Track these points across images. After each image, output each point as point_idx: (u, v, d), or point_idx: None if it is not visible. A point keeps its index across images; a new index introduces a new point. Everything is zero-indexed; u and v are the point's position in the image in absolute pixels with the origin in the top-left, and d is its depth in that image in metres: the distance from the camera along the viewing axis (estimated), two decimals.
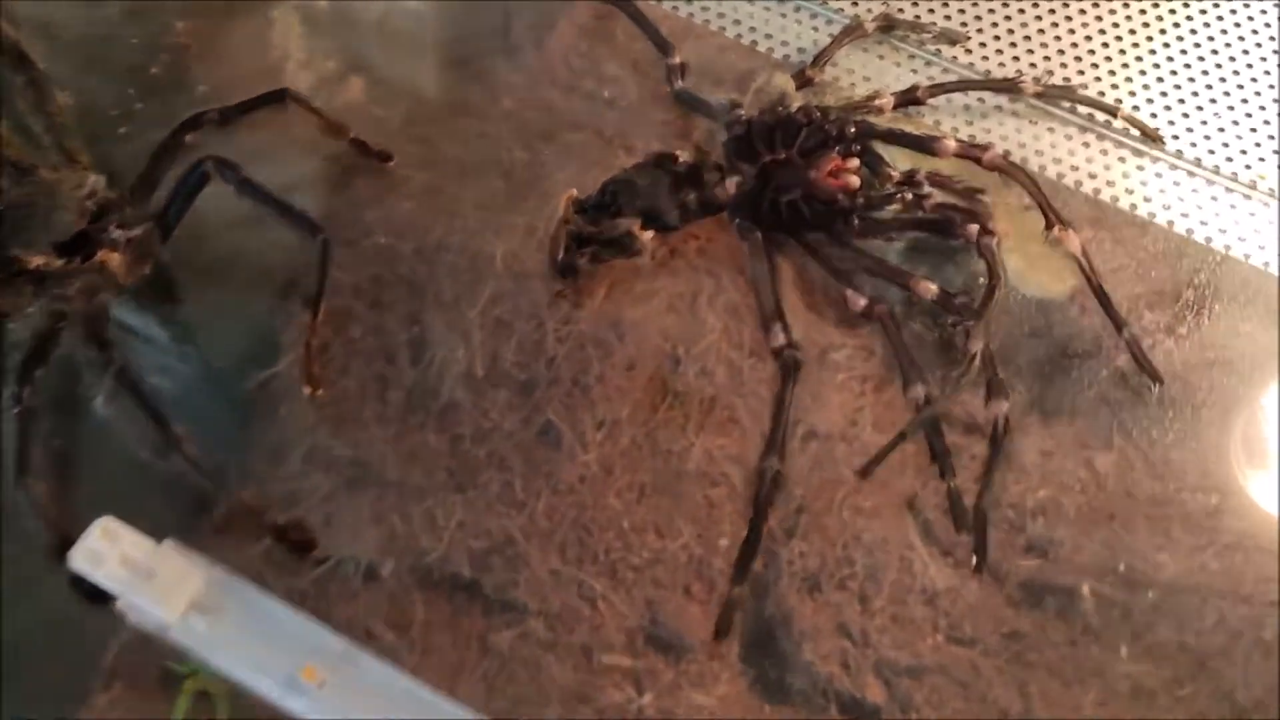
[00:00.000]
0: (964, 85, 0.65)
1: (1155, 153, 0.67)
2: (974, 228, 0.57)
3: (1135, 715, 0.48)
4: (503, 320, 0.56)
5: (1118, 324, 0.58)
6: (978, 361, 0.53)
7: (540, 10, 0.69)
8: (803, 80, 0.65)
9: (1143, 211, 0.65)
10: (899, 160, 0.61)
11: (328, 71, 0.65)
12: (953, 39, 0.69)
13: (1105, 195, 0.65)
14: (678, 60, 0.65)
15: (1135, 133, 0.67)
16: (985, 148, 0.59)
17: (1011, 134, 0.67)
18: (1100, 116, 0.67)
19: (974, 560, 0.51)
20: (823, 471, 0.53)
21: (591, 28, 0.69)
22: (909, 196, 0.60)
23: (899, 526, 0.52)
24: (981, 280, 0.56)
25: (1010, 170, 0.59)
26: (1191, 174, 0.66)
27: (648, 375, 0.55)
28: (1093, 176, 0.65)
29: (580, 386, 0.54)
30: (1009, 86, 0.64)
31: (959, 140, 0.60)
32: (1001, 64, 0.69)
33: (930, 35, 0.69)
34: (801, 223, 0.60)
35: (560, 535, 0.51)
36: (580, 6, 0.69)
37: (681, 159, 0.60)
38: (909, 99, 0.64)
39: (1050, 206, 0.58)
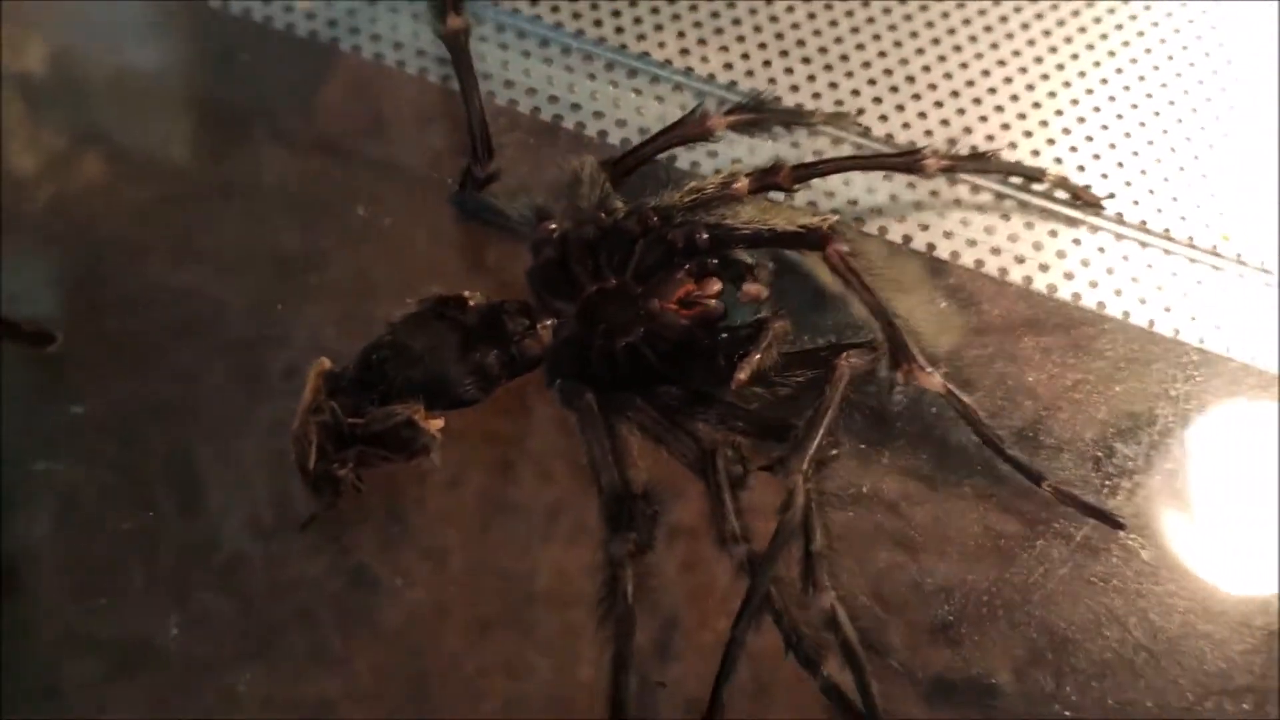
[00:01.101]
0: (843, 165, 0.48)
1: (1095, 221, 0.51)
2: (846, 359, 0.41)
3: None
4: (289, 453, 0.44)
5: (1030, 475, 0.43)
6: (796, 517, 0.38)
7: (301, 67, 0.55)
8: (621, 170, 0.48)
9: (1089, 301, 0.49)
10: None
11: (58, 150, 0.54)
12: (841, 123, 0.52)
13: (1040, 284, 0.50)
14: (489, 170, 0.47)
15: (1068, 198, 0.51)
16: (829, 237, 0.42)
17: (911, 213, 0.51)
18: (1027, 182, 0.52)
19: None
20: (694, 576, 0.44)
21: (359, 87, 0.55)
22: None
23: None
24: None
25: (845, 276, 0.42)
26: (1143, 244, 0.51)
27: (476, 489, 0.46)
28: (1020, 261, 0.50)
29: (395, 516, 0.46)
30: (906, 164, 0.47)
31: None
32: (906, 126, 0.53)
33: (812, 122, 0.51)
34: (648, 374, 0.43)
35: (391, 692, 0.44)
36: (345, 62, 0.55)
37: (473, 302, 0.43)
38: (768, 182, 0.47)
39: (899, 333, 0.41)
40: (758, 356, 0.43)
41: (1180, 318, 0.50)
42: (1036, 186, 0.51)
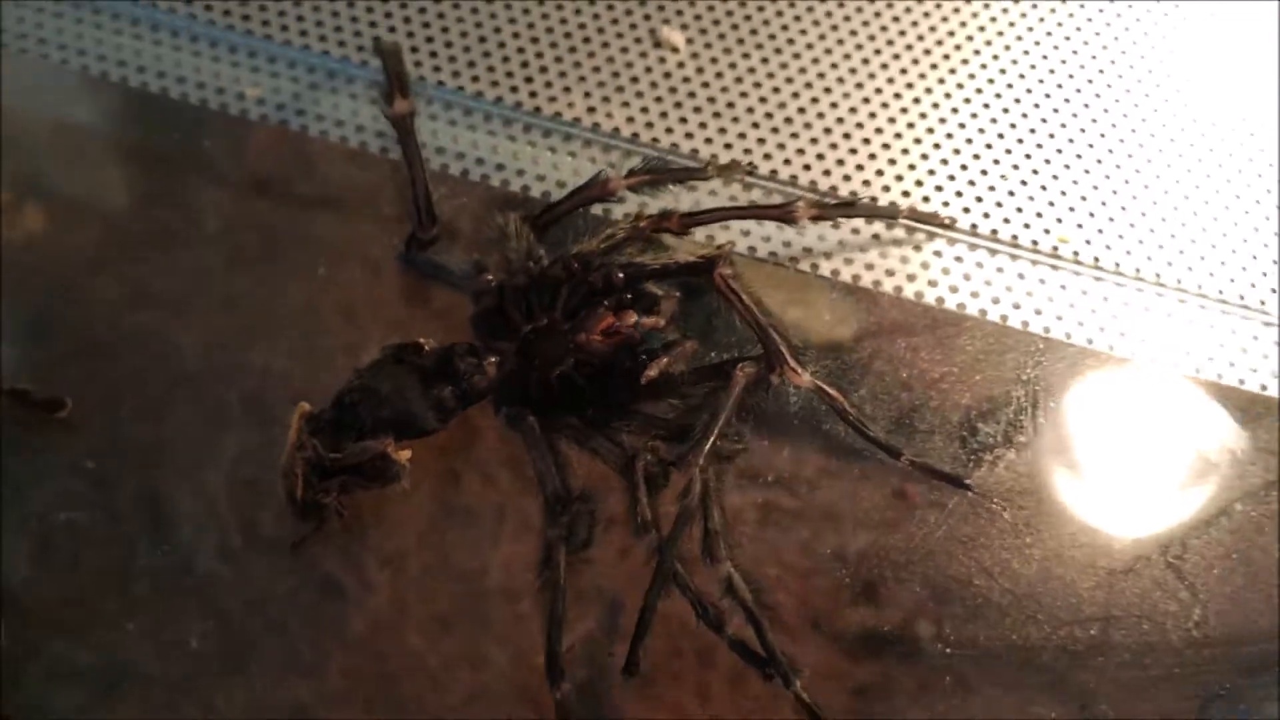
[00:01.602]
0: (725, 215, 0.56)
1: (951, 234, 0.60)
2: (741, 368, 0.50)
3: None
4: (253, 480, 0.51)
5: (890, 451, 0.52)
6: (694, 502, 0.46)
7: (246, 139, 0.61)
8: (541, 224, 0.56)
9: (951, 304, 0.58)
10: None
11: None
12: (730, 174, 0.60)
13: (909, 292, 0.58)
14: (432, 233, 0.54)
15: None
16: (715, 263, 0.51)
17: (796, 240, 0.59)
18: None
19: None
20: (629, 562, 0.48)
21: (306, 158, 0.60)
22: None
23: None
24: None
25: (728, 296, 0.50)
26: (993, 251, 0.60)
27: (427, 497, 0.52)
28: (890, 273, 0.59)
29: (355, 530, 0.50)
30: (780, 215, 0.54)
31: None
32: (787, 163, 0.61)
33: (705, 176, 0.58)
34: (580, 396, 0.51)
35: (361, 692, 0.48)
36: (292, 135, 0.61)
37: (428, 347, 0.51)
38: (663, 227, 0.55)
39: (774, 340, 0.50)
40: (665, 360, 0.51)
41: (1027, 312, 0.58)
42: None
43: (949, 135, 0.63)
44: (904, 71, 0.65)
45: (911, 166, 0.62)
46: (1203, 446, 0.55)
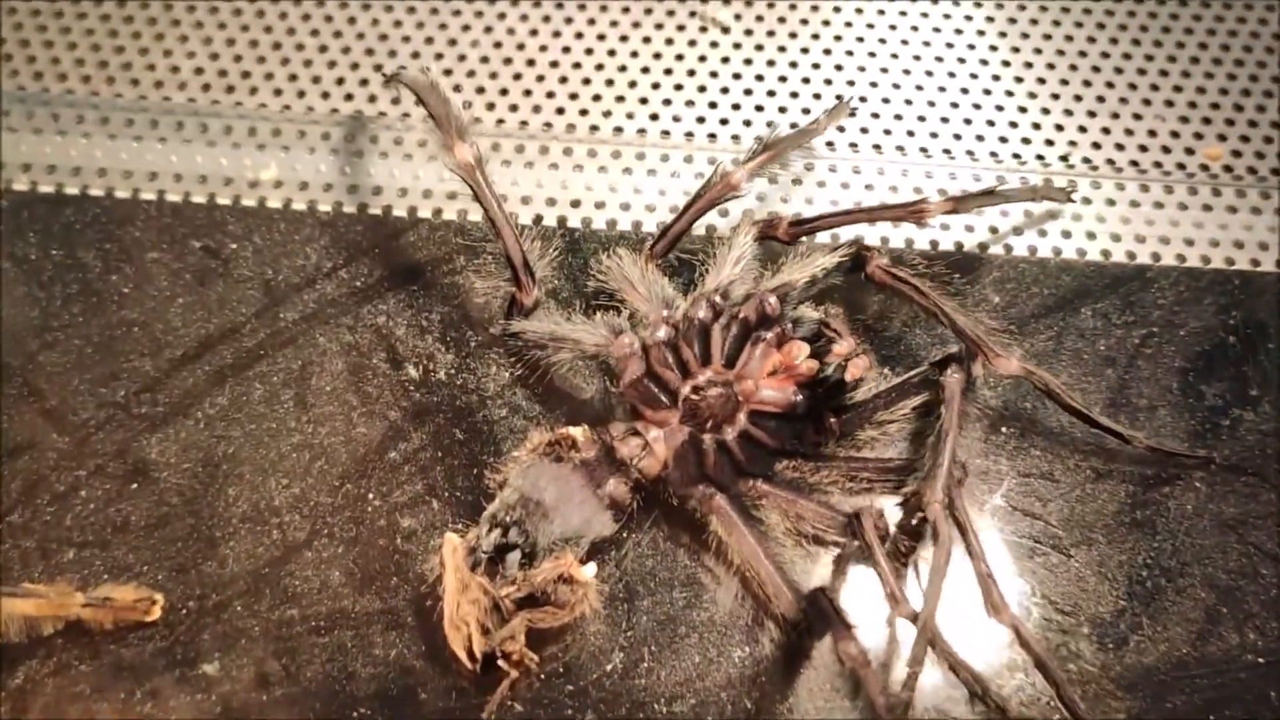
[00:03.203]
0: (841, 219, 0.49)
1: (1101, 176, 0.53)
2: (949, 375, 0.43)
3: None
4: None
5: (1121, 436, 0.45)
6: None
7: None
8: (659, 252, 0.48)
9: (1119, 256, 0.51)
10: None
11: None
12: (839, 115, 0.51)
13: (1070, 251, 0.51)
14: (535, 297, 0.46)
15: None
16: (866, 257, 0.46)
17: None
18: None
19: None
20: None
21: None
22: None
23: None
24: None
25: (897, 287, 0.45)
26: (1145, 187, 0.53)
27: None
28: (1043, 234, 0.51)
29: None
30: (909, 214, 0.47)
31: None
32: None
33: (818, 129, 0.50)
34: (765, 453, 0.43)
35: None
36: None
37: (583, 437, 0.42)
38: (768, 233, 0.48)
39: (968, 328, 0.43)
40: (863, 360, 0.44)
41: (1203, 246, 0.51)
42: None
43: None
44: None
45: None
46: None
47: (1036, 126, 0.55)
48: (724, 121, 0.55)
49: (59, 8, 0.56)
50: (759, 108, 0.55)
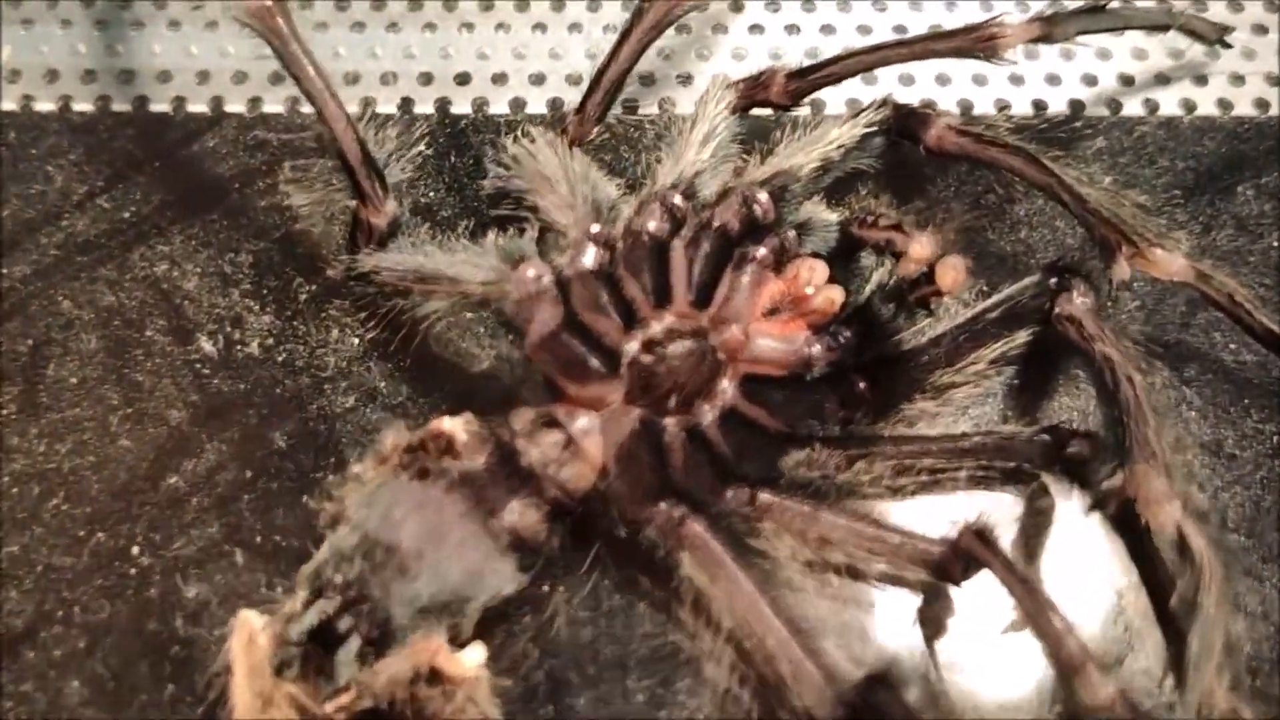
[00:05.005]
0: (856, 64, 0.32)
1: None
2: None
3: None
4: None
5: None
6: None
7: None
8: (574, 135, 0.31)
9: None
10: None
11: None
12: None
13: (1209, 106, 0.34)
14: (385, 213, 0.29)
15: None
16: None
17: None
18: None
19: None
20: None
21: None
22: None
23: None
24: None
25: (991, 157, 0.29)
26: None
27: None
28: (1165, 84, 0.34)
29: None
30: (977, 44, 0.30)
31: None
32: None
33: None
34: (766, 444, 0.26)
35: None
36: None
37: (460, 438, 0.26)
38: (755, 96, 0.32)
39: (1111, 218, 0.28)
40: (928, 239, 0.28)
41: None
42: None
43: None
44: None
45: None
46: None
47: None
48: None
49: None
50: None
